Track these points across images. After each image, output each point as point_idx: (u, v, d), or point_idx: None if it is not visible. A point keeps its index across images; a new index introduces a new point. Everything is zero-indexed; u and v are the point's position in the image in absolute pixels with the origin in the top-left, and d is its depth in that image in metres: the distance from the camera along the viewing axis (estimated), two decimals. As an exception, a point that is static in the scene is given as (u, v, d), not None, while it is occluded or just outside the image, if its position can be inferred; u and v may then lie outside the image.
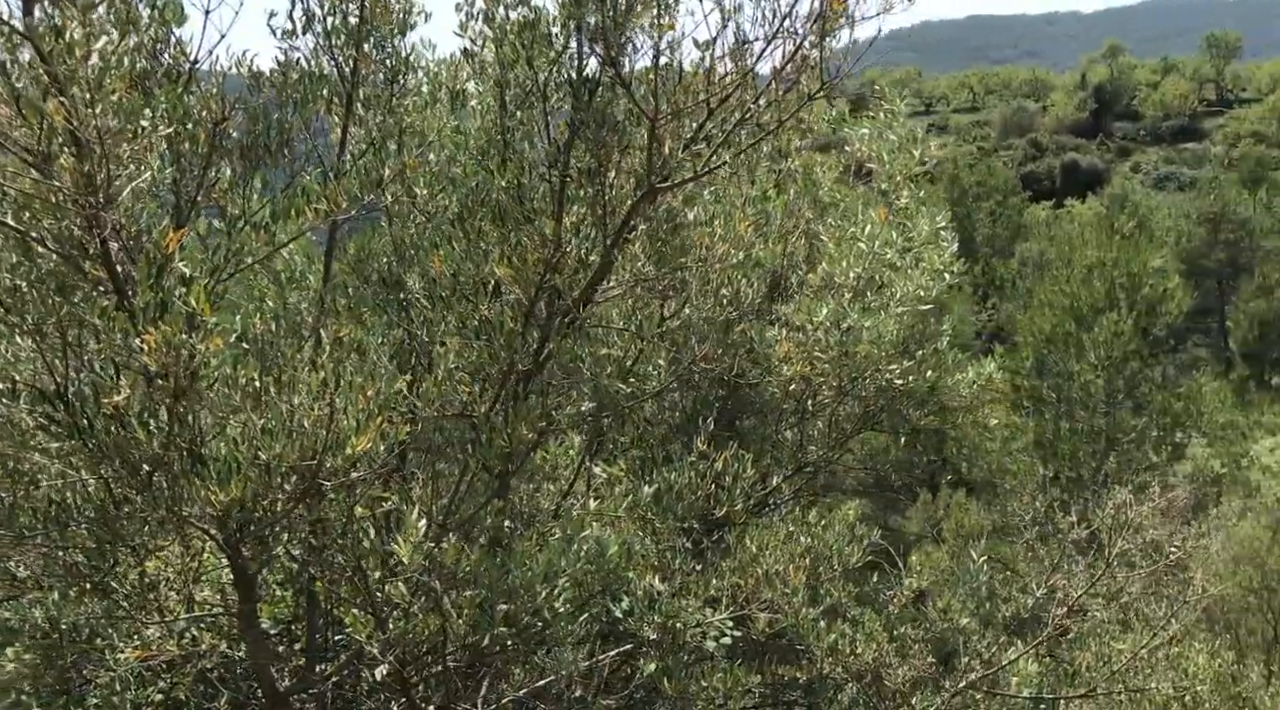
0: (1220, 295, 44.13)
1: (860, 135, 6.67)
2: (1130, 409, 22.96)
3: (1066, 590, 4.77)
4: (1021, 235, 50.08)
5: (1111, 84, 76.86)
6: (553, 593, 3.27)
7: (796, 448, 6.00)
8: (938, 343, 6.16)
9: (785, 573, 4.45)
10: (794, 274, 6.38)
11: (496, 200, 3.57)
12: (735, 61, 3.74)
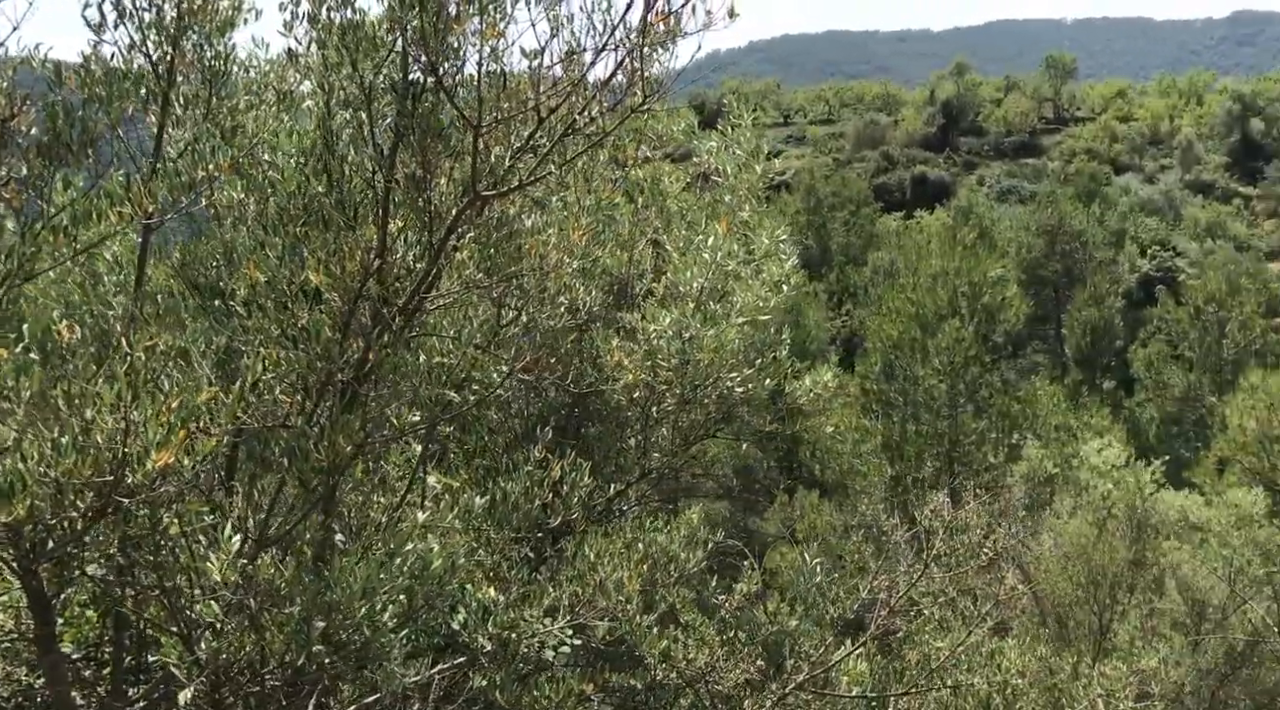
0: (1057, 303, 46.56)
1: (708, 148, 6.79)
2: (972, 412, 24.01)
3: (890, 591, 4.95)
4: (874, 244, 51.73)
5: (958, 100, 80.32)
6: (374, 608, 3.20)
7: (640, 455, 6.05)
8: (778, 351, 6.30)
9: (621, 580, 4.47)
10: (640, 282, 6.44)
11: (319, 206, 3.48)
12: (566, 71, 3.74)
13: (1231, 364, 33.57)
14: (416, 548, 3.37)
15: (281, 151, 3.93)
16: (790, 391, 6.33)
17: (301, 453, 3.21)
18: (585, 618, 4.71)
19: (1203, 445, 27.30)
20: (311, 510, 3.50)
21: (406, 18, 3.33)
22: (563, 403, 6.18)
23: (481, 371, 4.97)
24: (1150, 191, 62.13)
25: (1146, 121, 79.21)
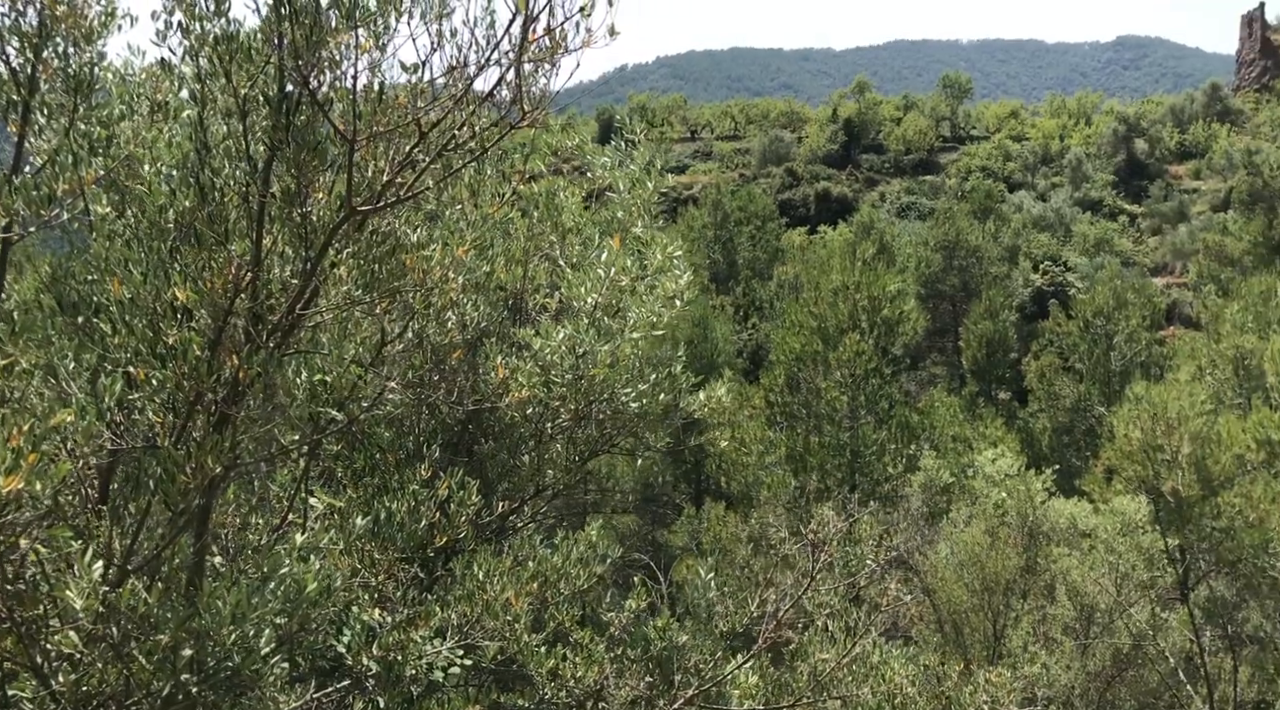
0: (955, 316, 47.81)
1: (602, 163, 6.81)
2: (872, 423, 24.49)
3: (778, 603, 5.01)
4: (780, 258, 52.45)
5: (859, 119, 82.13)
6: (245, 634, 3.10)
7: (534, 472, 6.01)
8: (673, 366, 6.33)
9: (508, 600, 4.42)
10: (534, 297, 6.42)
11: (191, 220, 3.38)
12: (448, 85, 3.71)
13: (1119, 375, 34.85)
14: (291, 571, 3.28)
15: (162, 163, 3.82)
16: (685, 406, 6.35)
17: (168, 474, 3.10)
18: (475, 638, 4.66)
19: (1092, 454, 28.28)
20: (180, 533, 3.39)
21: (281, 29, 3.26)
22: (456, 419, 6.11)
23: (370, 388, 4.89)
24: (1042, 208, 64.30)
25: (1038, 141, 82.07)
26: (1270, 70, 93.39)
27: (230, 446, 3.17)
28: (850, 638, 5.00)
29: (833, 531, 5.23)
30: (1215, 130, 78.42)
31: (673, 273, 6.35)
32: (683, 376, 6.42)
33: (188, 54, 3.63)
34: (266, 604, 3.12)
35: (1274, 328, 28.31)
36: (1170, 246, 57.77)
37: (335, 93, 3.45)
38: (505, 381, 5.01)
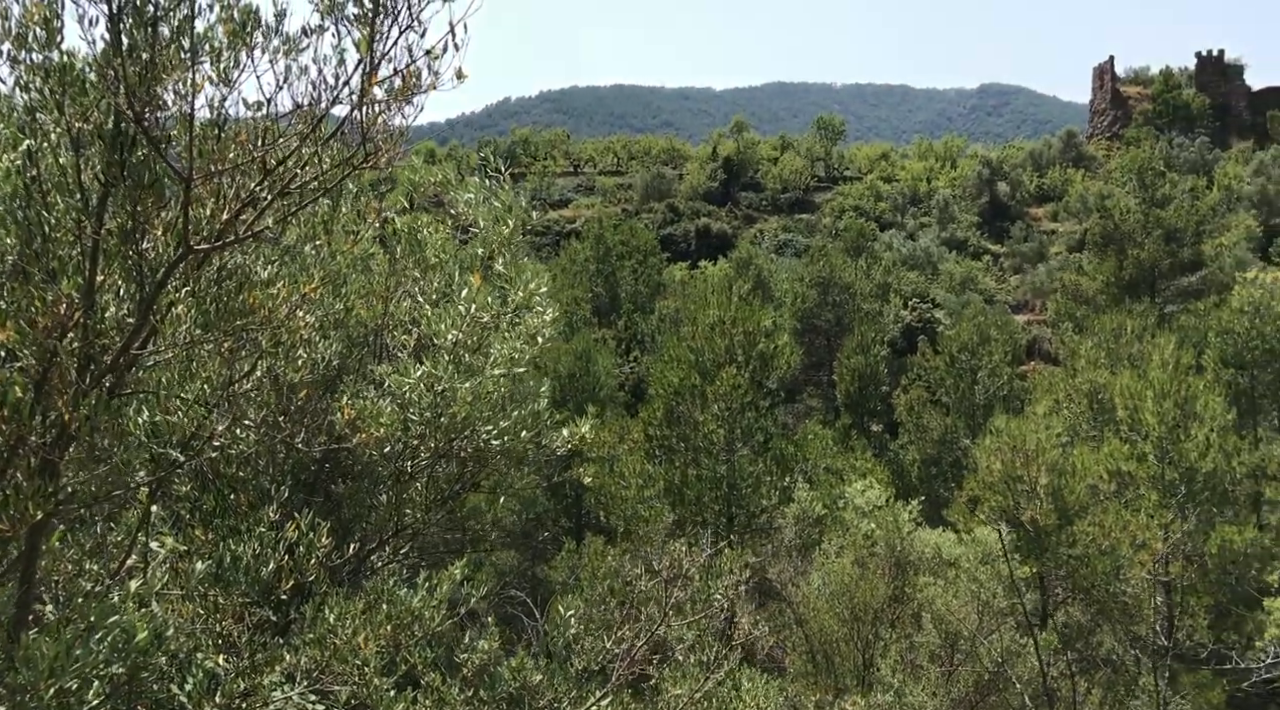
0: (829, 350, 49.01)
1: (466, 199, 6.81)
2: (748, 456, 24.84)
3: (632, 640, 5.04)
4: (661, 292, 53.01)
5: (738, 157, 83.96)
6: (66, 687, 2.97)
7: (393, 511, 5.93)
8: (536, 403, 6.35)
9: (358, 643, 4.34)
10: (394, 334, 6.36)
11: (17, 256, 3.25)
12: (293, 123, 3.69)
13: (983, 408, 36.22)
14: (121, 619, 3.17)
15: None
16: (548, 443, 6.37)
17: (-18, 523, 2.97)
18: (325, 683, 4.55)
19: (957, 485, 29.24)
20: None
21: (115, 64, 3.19)
22: (312, 458, 5.99)
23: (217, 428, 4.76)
24: (912, 247, 66.65)
25: (907, 182, 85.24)
26: (1120, 120, 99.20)
27: (53, 492, 3.05)
28: (704, 671, 5.06)
29: (687, 567, 5.29)
30: (1071, 175, 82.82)
31: (536, 310, 6.39)
32: (547, 413, 6.44)
33: (18, 85, 3.52)
34: (92, 654, 3.00)
35: (1124, 363, 29.85)
36: (1030, 285, 60.52)
37: (176, 128, 3.39)
38: (354, 421, 4.93)
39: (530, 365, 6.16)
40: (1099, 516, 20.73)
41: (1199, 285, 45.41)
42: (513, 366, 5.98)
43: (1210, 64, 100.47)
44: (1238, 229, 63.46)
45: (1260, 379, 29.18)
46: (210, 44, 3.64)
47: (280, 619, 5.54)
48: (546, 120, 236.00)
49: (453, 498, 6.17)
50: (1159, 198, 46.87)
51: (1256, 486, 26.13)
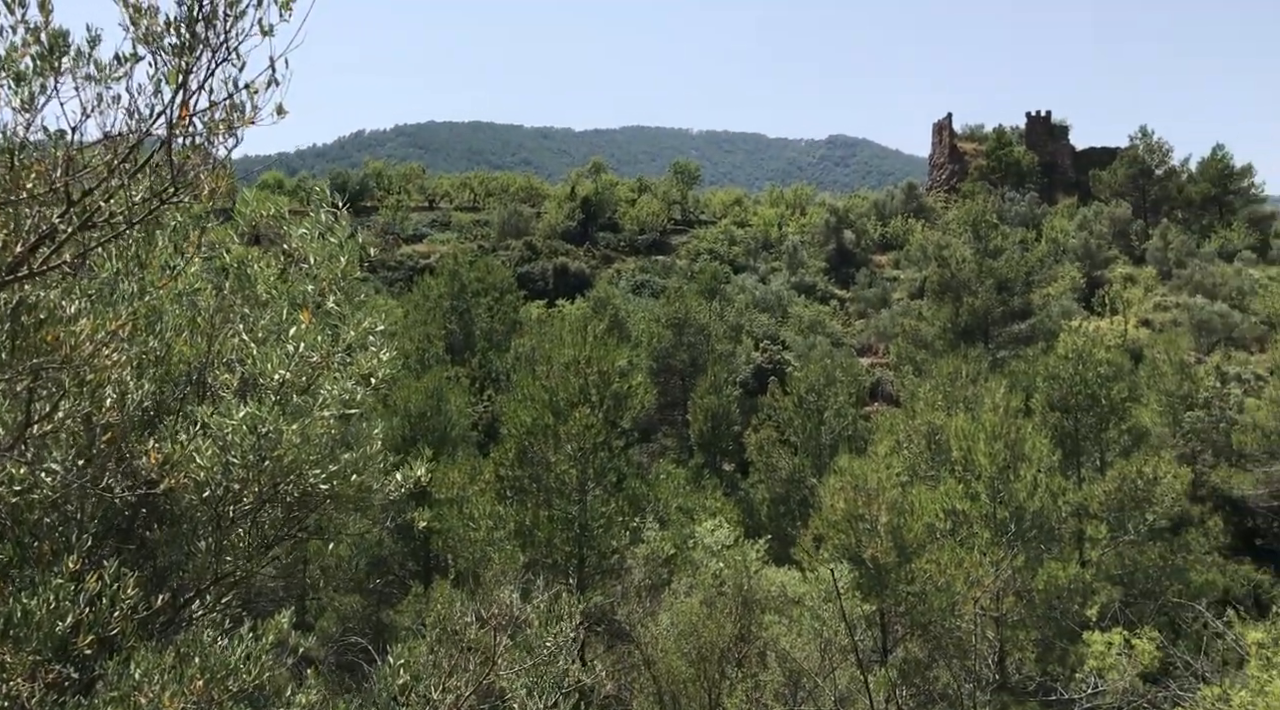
0: (684, 390, 49.61)
1: (300, 234, 6.61)
2: (601, 496, 24.84)
3: (460, 690, 4.92)
4: (518, 331, 52.76)
5: (596, 197, 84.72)
6: None
7: (212, 559, 5.64)
8: (369, 445, 6.17)
9: (164, 700, 4.10)
10: (218, 373, 6.09)
11: None
12: (103, 154, 3.51)
13: (828, 448, 37.28)
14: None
15: None
16: (381, 487, 6.19)
17: None
18: (126, 745, 4.27)
19: (803, 523, 29.90)
20: None
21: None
22: (127, 503, 5.65)
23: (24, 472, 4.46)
24: (763, 291, 68.40)
25: (760, 227, 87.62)
26: (957, 174, 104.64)
27: None
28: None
29: (523, 614, 5.22)
30: (912, 225, 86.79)
31: (372, 349, 6.23)
32: (380, 456, 6.28)
33: None
34: None
35: (959, 406, 31.21)
36: (874, 329, 62.88)
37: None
38: (163, 464, 4.69)
39: (373, 405, 6.00)
40: (936, 554, 21.51)
41: (1028, 332, 48.05)
42: (344, 408, 5.80)
43: (1039, 124, 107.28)
44: (1063, 280, 67.59)
45: (1083, 422, 30.95)
46: (9, 68, 3.44)
47: (84, 676, 5.18)
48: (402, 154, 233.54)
49: (278, 543, 5.92)
50: (992, 249, 49.50)
51: (1079, 524, 27.62)
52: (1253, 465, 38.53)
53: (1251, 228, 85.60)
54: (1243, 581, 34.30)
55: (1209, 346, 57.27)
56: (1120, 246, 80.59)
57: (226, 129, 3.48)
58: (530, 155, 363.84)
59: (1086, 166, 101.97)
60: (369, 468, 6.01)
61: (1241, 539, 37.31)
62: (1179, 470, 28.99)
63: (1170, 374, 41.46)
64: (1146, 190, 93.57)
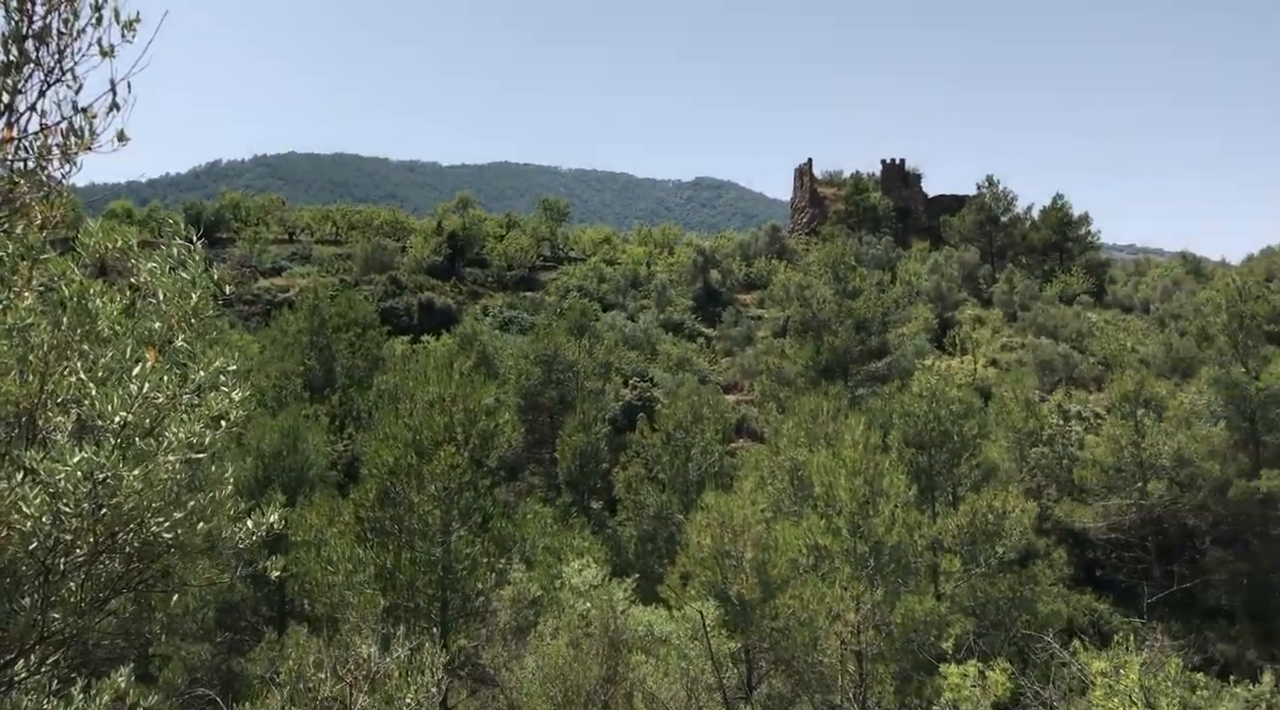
0: (552, 428, 49.30)
1: (149, 268, 6.25)
2: (466, 537, 24.33)
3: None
4: (380, 367, 51.57)
5: (464, 233, 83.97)
6: None
7: (38, 616, 5.21)
8: (219, 491, 5.84)
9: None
10: (50, 415, 5.67)
11: None
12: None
13: (696, 484, 37.55)
14: None
15: None
16: (230, 535, 5.86)
17: None
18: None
19: (670, 561, 29.96)
20: None
21: None
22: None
23: None
24: (632, 328, 68.84)
25: (629, 265, 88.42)
26: (818, 217, 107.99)
27: None
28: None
29: (381, 667, 4.98)
30: (776, 265, 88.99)
31: (223, 390, 5.91)
32: (230, 501, 5.95)
33: None
34: None
35: (821, 442, 31.91)
36: (739, 366, 63.97)
37: None
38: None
39: (225, 445, 5.68)
40: (799, 589, 21.82)
41: (885, 370, 49.68)
42: (192, 452, 5.47)
43: (893, 170, 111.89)
44: (917, 320, 70.24)
45: (936, 458, 32.02)
46: None
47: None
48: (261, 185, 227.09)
49: (116, 596, 5.51)
50: (851, 290, 51.12)
51: (934, 558, 28.49)
52: (1092, 499, 40.59)
53: (1088, 273, 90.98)
54: (1085, 611, 35.99)
55: (1051, 385, 60.29)
56: (969, 289, 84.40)
57: (62, 154, 3.23)
58: (396, 189, 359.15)
59: (938, 212, 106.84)
60: (218, 514, 5.67)
61: (1083, 570, 39.21)
62: (1026, 504, 30.26)
63: (1017, 411, 43.44)
64: (993, 236, 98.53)
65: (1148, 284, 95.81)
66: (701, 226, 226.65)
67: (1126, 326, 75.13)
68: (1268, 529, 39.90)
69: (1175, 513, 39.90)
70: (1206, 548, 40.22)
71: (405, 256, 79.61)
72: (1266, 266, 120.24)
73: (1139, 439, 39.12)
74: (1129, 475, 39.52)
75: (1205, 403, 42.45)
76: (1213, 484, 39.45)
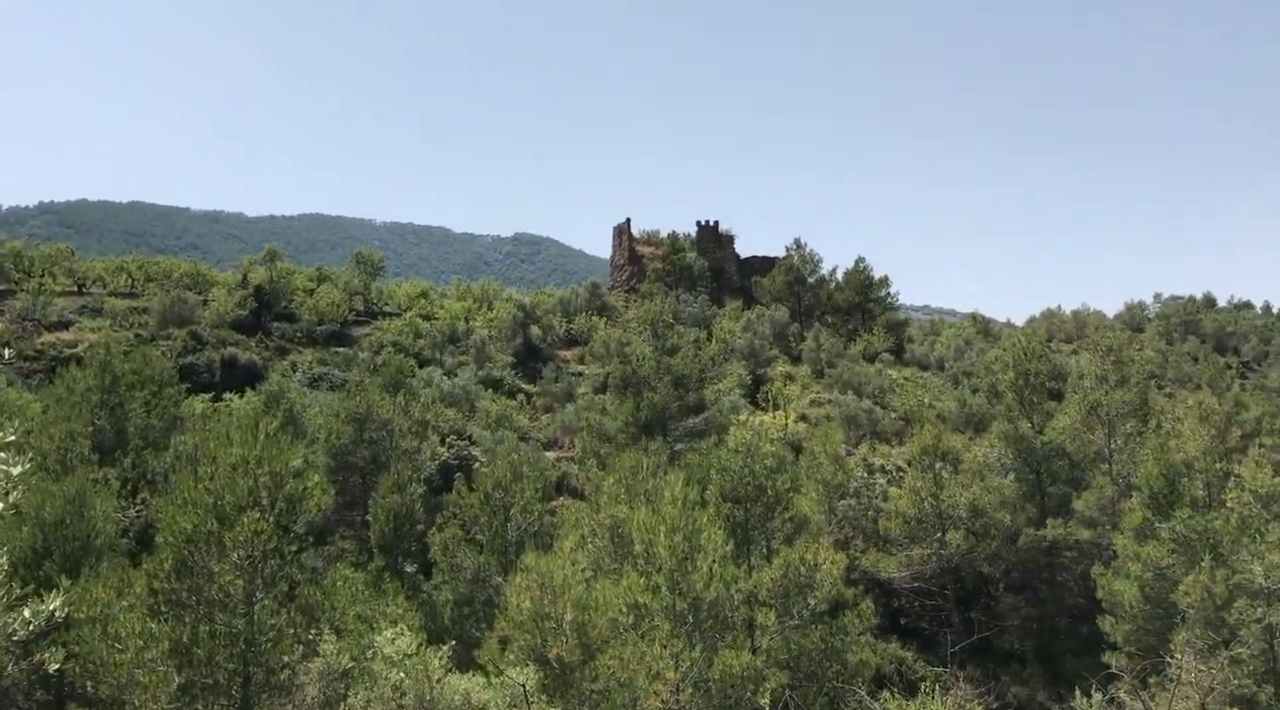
0: (365, 489, 47.61)
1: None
2: (271, 607, 23.02)
3: None
4: (178, 427, 48.75)
5: (271, 286, 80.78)
6: None
7: None
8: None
9: None
10: None
11: None
12: None
13: (515, 545, 36.94)
14: None
15: None
16: (3, 627, 5.26)
17: None
18: None
19: (488, 625, 29.29)
20: None
21: None
22: None
23: None
24: (450, 384, 67.64)
25: (447, 321, 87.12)
26: (636, 275, 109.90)
27: None
28: None
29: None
30: (596, 322, 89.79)
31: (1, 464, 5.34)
32: (3, 590, 5.35)
33: None
34: None
35: (641, 499, 32.03)
36: (560, 423, 63.82)
37: None
38: None
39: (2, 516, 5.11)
40: (619, 649, 21.65)
41: (702, 426, 50.56)
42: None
43: (708, 232, 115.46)
44: (732, 377, 72.12)
45: (751, 512, 32.69)
46: None
47: None
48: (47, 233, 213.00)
49: None
50: (669, 347, 51.97)
51: (750, 612, 28.93)
52: (896, 549, 42.39)
53: (889, 332, 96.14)
54: (892, 660, 37.33)
55: (857, 439, 62.98)
56: (780, 347, 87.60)
57: None
58: (198, 239, 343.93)
59: (750, 273, 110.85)
60: None
61: (889, 619, 40.75)
62: (835, 556, 31.19)
63: (826, 465, 45.03)
64: (801, 296, 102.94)
65: (942, 343, 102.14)
66: (521, 282, 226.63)
67: (924, 383, 79.58)
68: (1054, 575, 42.68)
69: (972, 561, 42.12)
70: (1000, 594, 42.59)
71: (207, 310, 75.91)
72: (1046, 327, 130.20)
73: (938, 491, 41.18)
74: (929, 525, 41.50)
75: (996, 456, 45.22)
76: (1004, 533, 41.94)
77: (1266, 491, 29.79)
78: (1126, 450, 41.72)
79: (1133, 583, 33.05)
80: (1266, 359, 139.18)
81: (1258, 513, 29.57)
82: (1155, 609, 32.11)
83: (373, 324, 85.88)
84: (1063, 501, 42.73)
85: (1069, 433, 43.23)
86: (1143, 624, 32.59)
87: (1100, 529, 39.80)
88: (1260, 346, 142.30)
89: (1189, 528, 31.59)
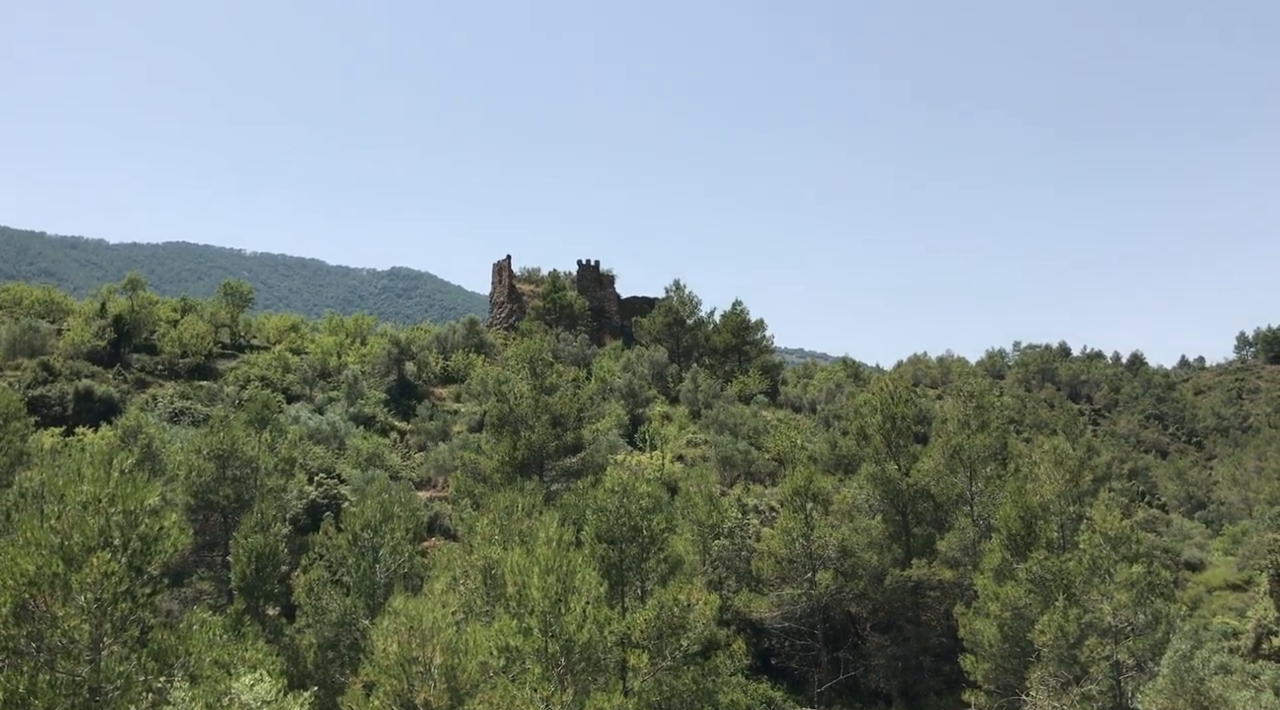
0: (226, 529, 45.75)
1: None
2: (120, 653, 21.82)
3: None
4: (24, 463, 46.03)
5: (132, 316, 77.43)
6: None
7: None
8: None
9: None
10: None
11: None
12: None
13: (384, 587, 35.93)
14: None
15: None
16: None
17: None
18: None
19: (353, 670, 28.39)
20: None
21: None
22: None
23: None
24: (319, 421, 65.78)
25: (318, 355, 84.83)
26: (516, 313, 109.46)
27: None
28: None
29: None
30: (474, 359, 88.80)
31: None
32: None
33: None
34: None
35: (515, 539, 31.63)
36: (434, 462, 62.66)
37: None
38: None
39: None
40: (488, 694, 21.25)
41: (579, 466, 50.43)
42: None
43: (589, 271, 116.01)
44: (611, 416, 72.23)
45: (627, 552, 32.62)
46: None
47: None
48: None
49: None
50: (548, 385, 51.79)
51: (623, 653, 28.76)
52: (768, 589, 42.85)
53: (764, 374, 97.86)
54: (761, 700, 37.59)
55: (732, 479, 63.68)
56: (658, 387, 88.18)
57: None
58: (53, 266, 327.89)
59: (630, 313, 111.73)
60: None
61: (760, 659, 41.09)
62: (709, 596, 31.35)
63: (701, 505, 45.36)
64: (680, 337, 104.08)
65: (815, 386, 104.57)
66: (398, 317, 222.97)
67: (797, 425, 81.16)
68: (918, 615, 43.80)
69: (840, 601, 42.89)
70: (868, 634, 43.44)
71: (61, 340, 72.27)
72: (914, 371, 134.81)
73: (809, 531, 41.88)
74: (800, 566, 42.11)
75: (865, 497, 46.31)
76: (872, 573, 42.89)
77: (1115, 533, 31.34)
78: (987, 493, 43.29)
79: (992, 622, 34.17)
80: (1116, 407, 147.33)
81: (1107, 554, 31.05)
82: (1013, 647, 33.25)
83: (239, 357, 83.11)
84: (927, 542, 44.02)
85: (933, 475, 44.65)
86: (1001, 662, 33.69)
87: (962, 569, 41.11)
88: (1111, 394, 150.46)
89: (1044, 568, 32.90)
